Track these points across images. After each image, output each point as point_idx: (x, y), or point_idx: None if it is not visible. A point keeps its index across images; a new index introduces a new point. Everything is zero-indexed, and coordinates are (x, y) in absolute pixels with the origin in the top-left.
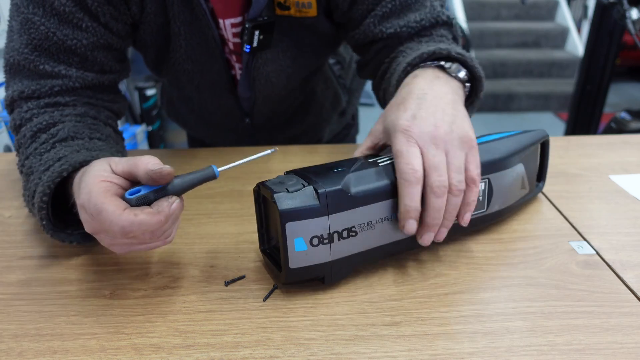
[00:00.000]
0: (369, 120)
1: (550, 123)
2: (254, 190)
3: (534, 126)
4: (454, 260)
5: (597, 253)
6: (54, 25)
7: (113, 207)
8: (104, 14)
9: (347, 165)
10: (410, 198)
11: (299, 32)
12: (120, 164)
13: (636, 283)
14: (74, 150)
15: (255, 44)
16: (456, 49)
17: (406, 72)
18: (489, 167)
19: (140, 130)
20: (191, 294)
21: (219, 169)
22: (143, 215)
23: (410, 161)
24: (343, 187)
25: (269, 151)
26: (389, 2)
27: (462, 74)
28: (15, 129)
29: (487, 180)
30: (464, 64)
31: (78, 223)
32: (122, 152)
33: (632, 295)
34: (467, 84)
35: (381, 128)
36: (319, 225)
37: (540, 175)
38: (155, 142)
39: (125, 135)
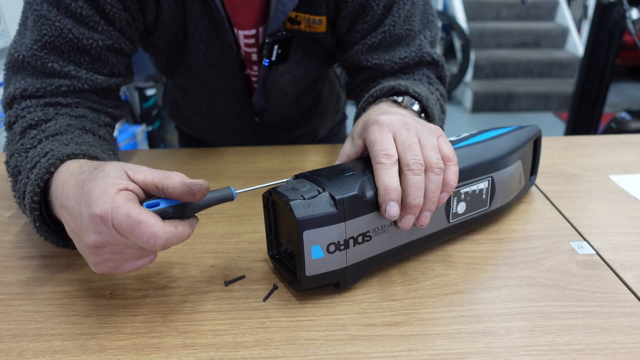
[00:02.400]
0: None
1: (550, 123)
2: (264, 196)
3: None
4: (454, 260)
5: (597, 253)
6: (70, 24)
7: (153, 220)
8: (120, 20)
9: (357, 168)
10: (388, 176)
11: (309, 44)
12: (141, 172)
13: (636, 283)
14: (62, 144)
15: (273, 58)
16: (415, 87)
17: (367, 102)
18: (492, 166)
19: (140, 130)
20: (191, 294)
21: (237, 191)
22: (182, 228)
23: (383, 147)
24: (359, 192)
25: (284, 180)
26: (380, 33)
27: (415, 106)
28: (9, 126)
29: (490, 178)
30: (420, 102)
31: None
32: (113, 152)
33: (632, 295)
34: (422, 114)
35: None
36: (336, 232)
37: (533, 169)
38: (155, 142)
39: (125, 135)
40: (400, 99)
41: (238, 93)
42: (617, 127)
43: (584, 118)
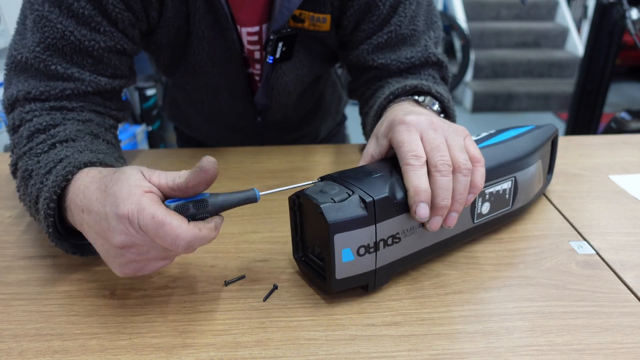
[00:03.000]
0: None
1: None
2: (290, 199)
3: None
4: (454, 260)
5: (597, 253)
6: (72, 25)
7: (178, 222)
8: (122, 20)
9: (384, 169)
10: (417, 177)
11: (312, 43)
12: (156, 175)
13: (636, 283)
14: (77, 151)
15: (278, 56)
16: (437, 88)
17: (388, 100)
18: (515, 166)
19: (140, 130)
20: (191, 294)
21: (261, 193)
22: (206, 231)
23: (412, 148)
24: (389, 194)
25: (310, 182)
26: (386, 32)
27: (436, 106)
28: (13, 129)
29: (513, 178)
30: (441, 102)
31: (80, 234)
32: (123, 159)
33: (632, 295)
34: (442, 115)
35: (383, 130)
36: (366, 234)
37: (550, 167)
38: (155, 142)
39: (125, 135)
40: (421, 98)
41: (240, 92)
42: (617, 127)
43: (584, 118)
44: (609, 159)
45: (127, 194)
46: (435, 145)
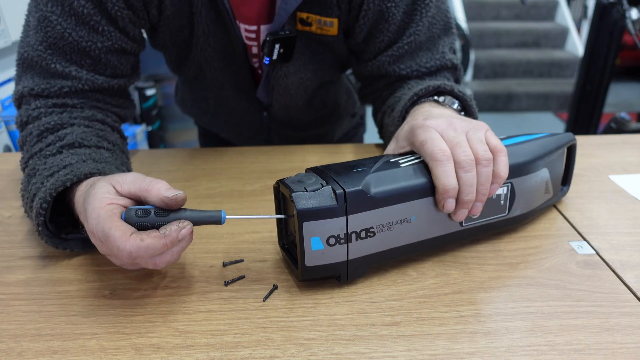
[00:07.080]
0: None
1: (550, 123)
2: (274, 187)
3: (533, 126)
4: (454, 260)
5: (597, 253)
6: (70, 26)
7: (120, 233)
8: (122, 18)
9: (368, 164)
10: (446, 176)
11: (319, 48)
12: (126, 184)
13: (636, 283)
14: (81, 160)
15: (274, 57)
16: (459, 87)
17: (412, 102)
18: (512, 171)
19: (140, 130)
20: (191, 294)
21: (227, 217)
22: (149, 240)
23: (436, 143)
24: (363, 187)
25: (281, 216)
26: (406, 43)
27: (456, 105)
28: (21, 125)
29: (509, 184)
30: (463, 101)
31: (72, 227)
32: (126, 164)
33: (632, 295)
34: (462, 113)
35: (404, 134)
36: (336, 225)
37: (566, 179)
38: (155, 142)
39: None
40: (441, 98)
41: (245, 85)
42: (617, 127)
43: (584, 118)
44: (609, 159)
45: (91, 208)
46: (456, 142)
